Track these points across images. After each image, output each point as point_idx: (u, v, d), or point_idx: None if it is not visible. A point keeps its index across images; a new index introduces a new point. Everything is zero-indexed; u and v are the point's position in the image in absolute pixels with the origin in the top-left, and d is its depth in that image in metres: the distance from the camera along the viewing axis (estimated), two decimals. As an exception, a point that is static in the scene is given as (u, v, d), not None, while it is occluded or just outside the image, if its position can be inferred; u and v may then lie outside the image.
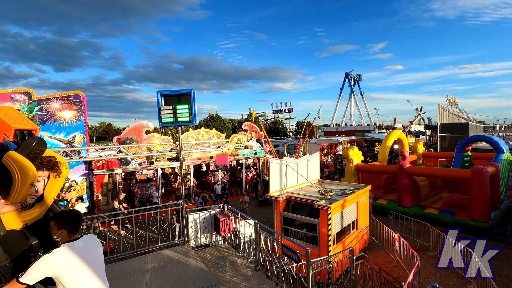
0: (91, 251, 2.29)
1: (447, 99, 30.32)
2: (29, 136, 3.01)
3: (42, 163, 2.78)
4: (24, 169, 2.50)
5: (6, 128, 2.84)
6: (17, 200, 2.57)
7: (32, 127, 3.11)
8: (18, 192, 2.53)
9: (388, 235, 9.49)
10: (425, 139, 36.72)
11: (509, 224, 11.83)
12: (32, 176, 2.57)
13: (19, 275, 1.96)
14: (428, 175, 14.90)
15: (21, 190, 2.53)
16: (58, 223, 2.21)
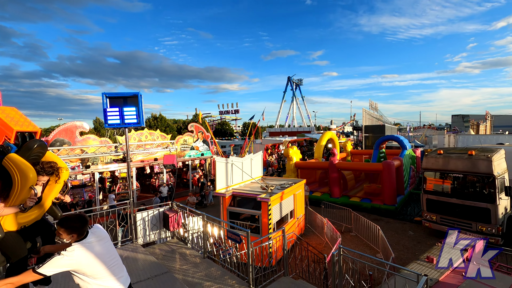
0: (102, 242, 2.46)
1: (370, 105, 35.41)
2: (30, 138, 3.02)
3: (43, 168, 2.78)
4: (24, 172, 2.50)
5: (8, 129, 2.83)
6: (16, 202, 2.57)
7: (33, 129, 3.11)
8: (18, 195, 2.52)
9: (320, 221, 11.04)
10: (353, 138, 41.98)
11: (410, 206, 14.85)
12: (32, 179, 2.57)
13: (36, 267, 2.12)
14: (353, 169, 17.53)
15: (20, 193, 2.52)
16: (68, 229, 2.30)
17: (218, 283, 4.59)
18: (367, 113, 33.46)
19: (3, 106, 3.13)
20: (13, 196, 2.51)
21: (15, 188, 2.48)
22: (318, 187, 17.77)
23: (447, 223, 9.97)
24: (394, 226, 11.94)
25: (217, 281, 4.65)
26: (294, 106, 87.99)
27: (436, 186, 10.60)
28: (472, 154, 9.44)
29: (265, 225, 8.25)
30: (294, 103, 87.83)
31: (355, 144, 37.94)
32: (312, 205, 14.16)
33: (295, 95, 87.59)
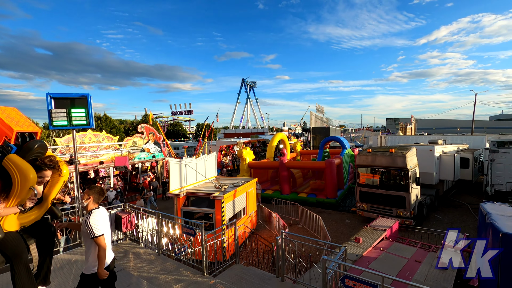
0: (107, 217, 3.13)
1: (317, 108, 38.40)
2: (30, 139, 2.98)
3: (44, 163, 2.80)
4: (24, 173, 2.50)
5: (8, 130, 2.80)
6: (16, 203, 2.58)
7: (33, 130, 3.09)
8: (17, 195, 2.53)
9: (270, 216, 11.90)
10: (303, 139, 44.90)
11: (348, 198, 16.82)
12: (33, 180, 2.57)
13: (92, 235, 2.68)
14: (301, 167, 19.07)
15: (20, 194, 2.53)
16: (98, 195, 2.95)
17: (174, 275, 4.90)
18: (314, 116, 36.25)
19: (3, 107, 3.03)
20: (13, 196, 2.51)
21: (15, 189, 2.49)
22: (270, 185, 18.82)
23: (375, 210, 11.77)
24: (335, 217, 13.49)
25: (173, 273, 4.96)
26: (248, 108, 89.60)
27: (367, 179, 12.39)
28: (392, 152, 11.36)
29: (219, 222, 8.70)
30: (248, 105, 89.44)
31: (304, 144, 40.67)
32: (264, 203, 15.04)
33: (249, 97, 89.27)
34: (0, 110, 2.92)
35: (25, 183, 2.47)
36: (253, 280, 5.08)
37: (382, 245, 7.59)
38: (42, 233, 3.02)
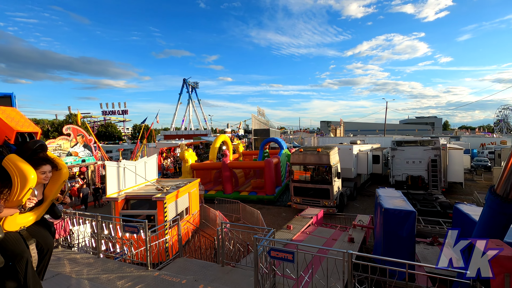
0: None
1: (258, 111, 40.26)
2: (30, 139, 2.98)
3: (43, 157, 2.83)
4: (24, 173, 2.50)
5: (8, 130, 2.75)
6: (16, 203, 2.57)
7: (33, 130, 3.07)
8: (17, 195, 2.53)
9: (213, 215, 12.40)
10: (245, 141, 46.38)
11: (285, 194, 18.48)
12: (32, 181, 2.57)
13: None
14: (242, 167, 20.04)
15: (20, 194, 2.52)
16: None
17: (117, 273, 5.02)
18: (256, 118, 37.98)
19: (3, 107, 2.82)
20: (13, 197, 2.52)
21: (15, 189, 2.50)
22: (213, 186, 19.23)
23: (306, 202, 13.43)
24: (273, 211, 14.78)
25: (115, 272, 5.07)
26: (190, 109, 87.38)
27: (300, 176, 14.01)
28: (319, 151, 13.18)
29: (161, 223, 8.81)
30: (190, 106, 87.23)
31: (246, 146, 42.12)
32: (207, 203, 15.41)
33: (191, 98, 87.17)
34: (0, 110, 2.78)
35: (25, 183, 2.50)
36: (196, 269, 5.59)
37: (309, 230, 8.93)
38: (41, 233, 3.04)
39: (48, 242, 3.07)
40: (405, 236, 5.52)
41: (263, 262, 4.62)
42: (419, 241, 7.60)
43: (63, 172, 2.96)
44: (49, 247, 3.09)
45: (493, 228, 3.55)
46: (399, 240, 5.48)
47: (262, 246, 4.42)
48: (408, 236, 5.50)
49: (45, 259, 3.13)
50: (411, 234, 5.48)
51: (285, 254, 3.97)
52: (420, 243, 7.38)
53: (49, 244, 3.10)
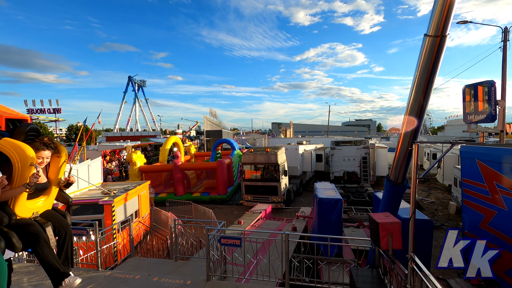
0: None
1: (210, 112, 40.18)
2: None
3: (43, 142, 2.82)
4: (21, 150, 2.54)
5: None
6: (21, 182, 2.56)
7: (23, 117, 3.10)
8: (20, 175, 2.54)
9: (164, 217, 12.30)
10: (197, 142, 45.75)
11: (237, 193, 19.11)
12: (30, 156, 2.58)
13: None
14: (194, 168, 20.03)
15: (22, 173, 2.54)
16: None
17: (63, 277, 4.94)
18: (208, 119, 37.86)
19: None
20: (16, 177, 2.53)
21: (16, 169, 2.52)
22: (163, 188, 18.78)
23: (257, 200, 14.26)
24: (225, 210, 15.26)
25: (62, 276, 4.98)
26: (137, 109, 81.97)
27: (251, 175, 14.80)
28: (267, 151, 14.16)
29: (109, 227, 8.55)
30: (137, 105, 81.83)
31: (199, 147, 41.61)
32: (158, 206, 15.09)
33: (138, 97, 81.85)
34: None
35: (25, 160, 2.53)
36: (149, 266, 5.78)
37: (258, 223, 9.69)
38: (56, 216, 3.03)
39: (65, 224, 3.05)
40: (335, 220, 6.63)
41: (214, 251, 5.12)
42: (348, 225, 8.99)
43: (63, 156, 3.01)
44: (67, 230, 3.06)
45: (389, 206, 4.71)
46: (329, 223, 6.55)
47: (213, 236, 4.91)
48: (337, 219, 6.61)
49: (67, 244, 3.09)
50: (339, 217, 6.61)
51: (233, 241, 4.54)
52: (349, 227, 8.76)
53: (66, 226, 3.07)
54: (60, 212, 3.16)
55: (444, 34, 3.11)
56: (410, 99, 3.71)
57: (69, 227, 3.12)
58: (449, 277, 7.45)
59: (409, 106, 3.73)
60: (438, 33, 3.09)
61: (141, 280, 4.91)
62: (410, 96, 3.71)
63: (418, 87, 3.54)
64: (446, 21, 3.03)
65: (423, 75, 3.40)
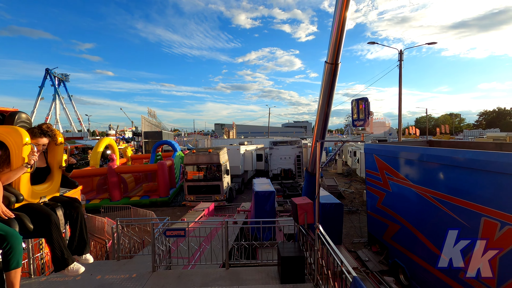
0: None
1: (148, 112, 38.12)
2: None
3: (42, 130, 2.80)
4: (12, 131, 2.54)
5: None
6: (20, 162, 2.52)
7: (12, 110, 3.05)
8: (17, 155, 2.52)
9: (100, 223, 11.61)
10: (134, 144, 42.74)
11: (180, 195, 18.99)
12: (23, 135, 2.56)
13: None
14: (132, 172, 19.05)
15: (19, 153, 2.52)
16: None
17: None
18: (146, 120, 35.85)
19: None
20: (14, 158, 2.52)
21: (12, 150, 2.52)
22: (96, 194, 17.36)
23: (200, 199, 14.59)
24: (167, 212, 15.12)
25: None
26: (58, 106, 71.38)
27: (193, 175, 15.04)
28: (210, 152, 14.65)
29: (35, 237, 7.86)
30: (58, 102, 71.25)
31: (136, 149, 38.96)
32: (90, 213, 14.00)
33: (59, 93, 71.34)
34: None
35: (19, 139, 2.52)
36: (89, 268, 5.74)
37: (201, 220, 10.16)
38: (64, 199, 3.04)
39: (75, 206, 3.01)
40: (269, 209, 7.65)
41: (160, 244, 5.49)
42: (283, 215, 10.24)
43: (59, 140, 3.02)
44: (78, 210, 3.02)
45: (308, 192, 5.89)
46: (265, 212, 7.54)
47: (158, 230, 5.29)
48: (271, 209, 7.65)
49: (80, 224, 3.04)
50: (272, 207, 7.66)
51: (178, 232, 5.03)
52: (283, 216, 9.99)
53: (76, 207, 3.02)
54: (69, 197, 3.18)
55: (337, 62, 4.29)
56: (318, 109, 4.87)
57: (80, 208, 3.12)
58: (358, 249, 9.33)
59: (318, 114, 4.89)
60: (333, 61, 4.25)
61: (82, 280, 4.96)
62: (318, 106, 4.86)
63: (323, 99, 4.70)
64: (338, 53, 4.20)
65: (326, 91, 4.56)
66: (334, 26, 3.90)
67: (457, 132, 70.23)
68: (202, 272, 5.14)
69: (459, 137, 51.38)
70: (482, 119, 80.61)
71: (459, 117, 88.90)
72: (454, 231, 5.02)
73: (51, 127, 2.96)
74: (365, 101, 4.37)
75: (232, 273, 5.00)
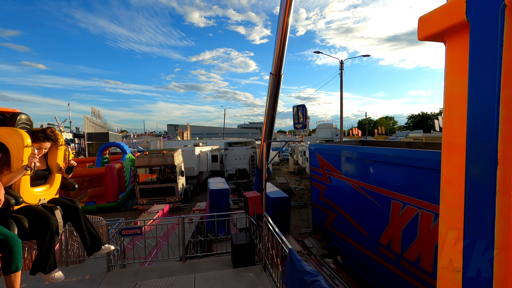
0: None
1: (92, 112, 35.06)
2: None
3: (46, 135, 2.76)
4: (13, 133, 2.52)
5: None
6: (20, 165, 2.49)
7: (13, 110, 3.02)
8: (17, 157, 2.49)
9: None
10: (75, 147, 38.76)
11: (131, 199, 18.14)
12: (24, 137, 2.52)
13: None
14: (76, 176, 17.55)
15: (19, 155, 2.49)
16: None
17: None
18: (90, 120, 32.92)
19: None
20: (14, 160, 2.50)
21: (13, 152, 2.50)
22: (31, 203, 15.58)
23: (153, 202, 14.29)
24: (117, 217, 14.36)
25: None
26: (-26, 104, 60.49)
27: (146, 178, 14.63)
28: (164, 153, 14.46)
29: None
30: (-27, 99, 60.44)
31: (77, 152, 35.42)
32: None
33: (-25, 88, 60.48)
34: None
35: (19, 141, 2.52)
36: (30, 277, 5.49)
37: (155, 222, 10.12)
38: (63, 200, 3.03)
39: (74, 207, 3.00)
40: (224, 206, 8.14)
41: (114, 245, 5.54)
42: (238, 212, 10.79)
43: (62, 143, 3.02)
44: (77, 211, 3.01)
45: (258, 187, 6.56)
46: (219, 210, 8.00)
47: (113, 230, 5.36)
48: (225, 206, 8.14)
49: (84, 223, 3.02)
50: (227, 204, 8.16)
51: (134, 230, 5.19)
52: (237, 213, 10.55)
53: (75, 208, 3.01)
54: (68, 199, 3.16)
55: (280, 74, 5.02)
56: (265, 113, 5.56)
57: (80, 209, 3.11)
58: (304, 238, 10.41)
59: (265, 118, 5.58)
60: (276, 73, 4.97)
61: (28, 287, 4.77)
62: (265, 111, 5.55)
63: (269, 105, 5.41)
64: (281, 66, 4.93)
65: (271, 98, 5.27)
66: (278, 38, 4.57)
67: (391, 133, 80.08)
68: (159, 267, 5.38)
69: (392, 137, 58.95)
70: (410, 121, 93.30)
71: (393, 120, 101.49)
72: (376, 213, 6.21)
73: (55, 131, 2.94)
74: (303, 107, 5.19)
75: (188, 265, 5.36)
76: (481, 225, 0.85)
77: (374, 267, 6.35)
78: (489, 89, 0.83)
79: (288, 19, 4.28)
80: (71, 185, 3.32)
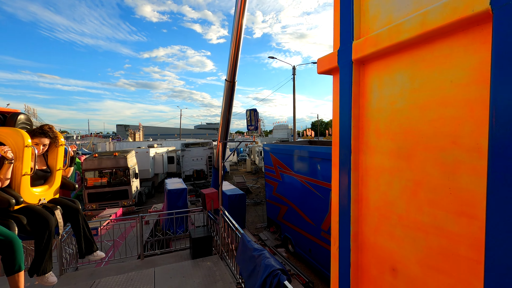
0: None
1: (26, 110, 31.12)
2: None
3: (43, 130, 2.71)
4: (14, 133, 2.47)
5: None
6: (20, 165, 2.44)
7: (13, 111, 3.00)
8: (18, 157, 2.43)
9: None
10: (4, 150, 33.93)
11: (77, 205, 16.81)
12: (25, 137, 2.46)
13: None
14: (8, 183, 15.64)
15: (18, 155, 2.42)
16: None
17: None
18: (22, 119, 29.20)
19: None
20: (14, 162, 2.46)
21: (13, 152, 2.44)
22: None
23: (104, 206, 13.57)
24: (62, 225, 13.34)
25: None
26: None
27: (95, 182, 13.82)
28: (116, 155, 13.85)
29: None
30: None
31: (6, 156, 31.05)
32: None
33: None
34: None
35: (20, 142, 2.49)
36: None
37: (109, 227, 9.80)
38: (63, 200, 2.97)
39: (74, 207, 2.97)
40: (181, 205, 8.36)
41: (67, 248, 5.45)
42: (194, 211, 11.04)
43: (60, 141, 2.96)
44: (77, 212, 2.99)
45: (215, 184, 7.00)
46: (177, 209, 8.21)
47: (65, 233, 5.27)
48: (183, 205, 8.37)
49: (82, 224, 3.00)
50: (185, 203, 8.40)
51: (90, 231, 5.20)
52: (195, 212, 10.80)
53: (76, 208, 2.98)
54: (68, 199, 3.13)
55: (234, 81, 5.57)
56: (221, 115, 6.05)
57: (80, 210, 3.09)
58: (260, 232, 11.14)
59: (221, 120, 6.07)
60: (230, 80, 5.50)
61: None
62: (221, 113, 6.05)
63: (224, 108, 5.91)
64: (234, 73, 5.47)
65: (226, 102, 5.79)
66: (233, 40, 5.05)
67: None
68: (116, 266, 5.46)
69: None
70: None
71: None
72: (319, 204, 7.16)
73: (53, 128, 2.91)
74: (255, 111, 5.80)
75: (147, 262, 5.56)
76: (345, 189, 1.53)
77: (318, 250, 7.31)
78: (348, 109, 1.51)
79: (242, 21, 4.74)
80: (71, 184, 3.31)
